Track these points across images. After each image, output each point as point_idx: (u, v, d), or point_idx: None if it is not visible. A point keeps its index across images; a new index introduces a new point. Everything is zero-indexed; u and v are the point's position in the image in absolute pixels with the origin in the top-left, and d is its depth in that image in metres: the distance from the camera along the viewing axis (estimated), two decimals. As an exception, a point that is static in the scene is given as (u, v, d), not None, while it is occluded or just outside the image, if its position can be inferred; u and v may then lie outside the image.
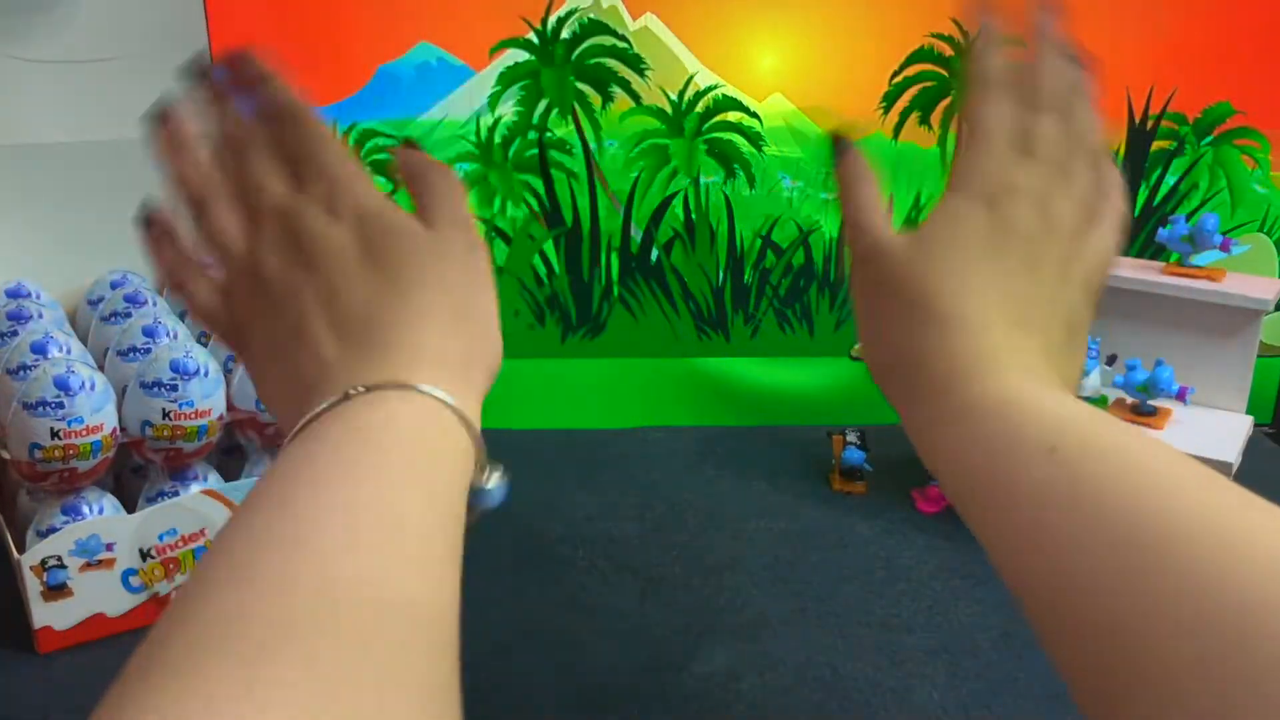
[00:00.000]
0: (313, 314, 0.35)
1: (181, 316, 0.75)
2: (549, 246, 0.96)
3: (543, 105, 0.92)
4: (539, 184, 0.94)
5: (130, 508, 0.65)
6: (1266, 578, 0.25)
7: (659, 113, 0.92)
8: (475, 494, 0.34)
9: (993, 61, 0.40)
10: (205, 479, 0.67)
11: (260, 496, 0.29)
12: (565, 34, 0.90)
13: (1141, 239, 0.97)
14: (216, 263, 0.38)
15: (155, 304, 0.74)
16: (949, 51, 0.91)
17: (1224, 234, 0.74)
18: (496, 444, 0.36)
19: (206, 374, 0.64)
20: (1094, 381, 0.75)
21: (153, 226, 0.40)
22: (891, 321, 0.38)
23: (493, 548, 0.72)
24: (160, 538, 0.62)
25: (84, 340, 0.71)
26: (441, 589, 0.28)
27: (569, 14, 0.90)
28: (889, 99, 0.92)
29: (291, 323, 0.35)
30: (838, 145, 0.41)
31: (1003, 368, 0.34)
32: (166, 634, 0.24)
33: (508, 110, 0.92)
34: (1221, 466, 0.69)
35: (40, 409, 0.60)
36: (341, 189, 0.37)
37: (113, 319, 0.73)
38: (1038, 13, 0.41)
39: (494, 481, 0.35)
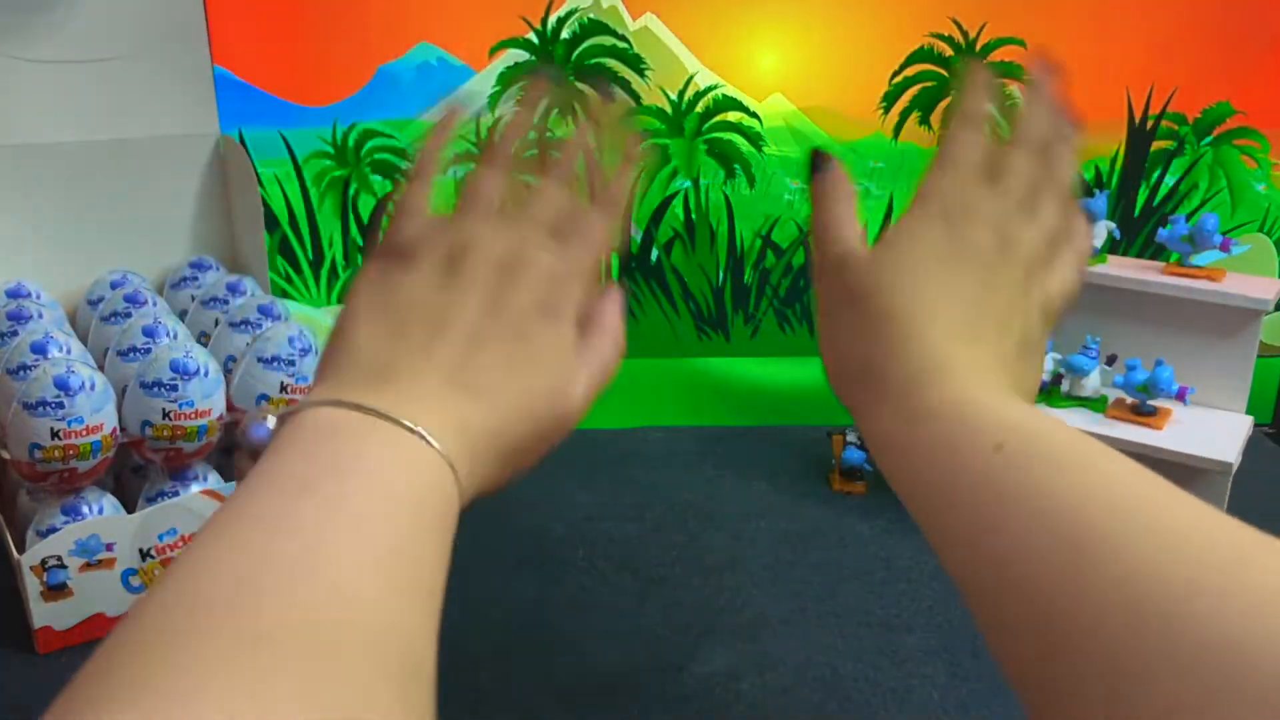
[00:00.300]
0: (454, 335, 0.36)
1: (182, 316, 0.75)
2: (549, 246, 0.96)
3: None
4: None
5: (130, 508, 0.65)
6: (1200, 570, 0.25)
7: (659, 113, 0.92)
8: None
9: (977, 102, 0.42)
10: (205, 479, 0.67)
11: (255, 495, 0.29)
12: (565, 34, 0.90)
13: (1141, 239, 0.97)
14: (459, 203, 0.39)
15: (155, 304, 0.74)
16: (949, 51, 0.91)
17: (1224, 234, 0.74)
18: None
19: (206, 374, 0.64)
20: (1094, 381, 0.75)
21: (448, 116, 0.41)
22: (850, 328, 0.39)
23: (493, 548, 0.72)
24: (160, 538, 0.62)
25: (84, 340, 0.71)
26: (424, 618, 0.28)
27: (569, 14, 0.90)
28: (889, 99, 0.92)
29: (437, 314, 0.36)
30: (817, 160, 0.42)
31: (956, 374, 0.36)
32: (124, 641, 0.24)
33: (508, 110, 0.92)
34: (1221, 466, 0.69)
35: (40, 409, 0.60)
36: (572, 273, 0.38)
37: (113, 319, 0.73)
38: (1036, 69, 0.43)
39: None
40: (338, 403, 0.32)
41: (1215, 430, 0.73)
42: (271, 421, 0.33)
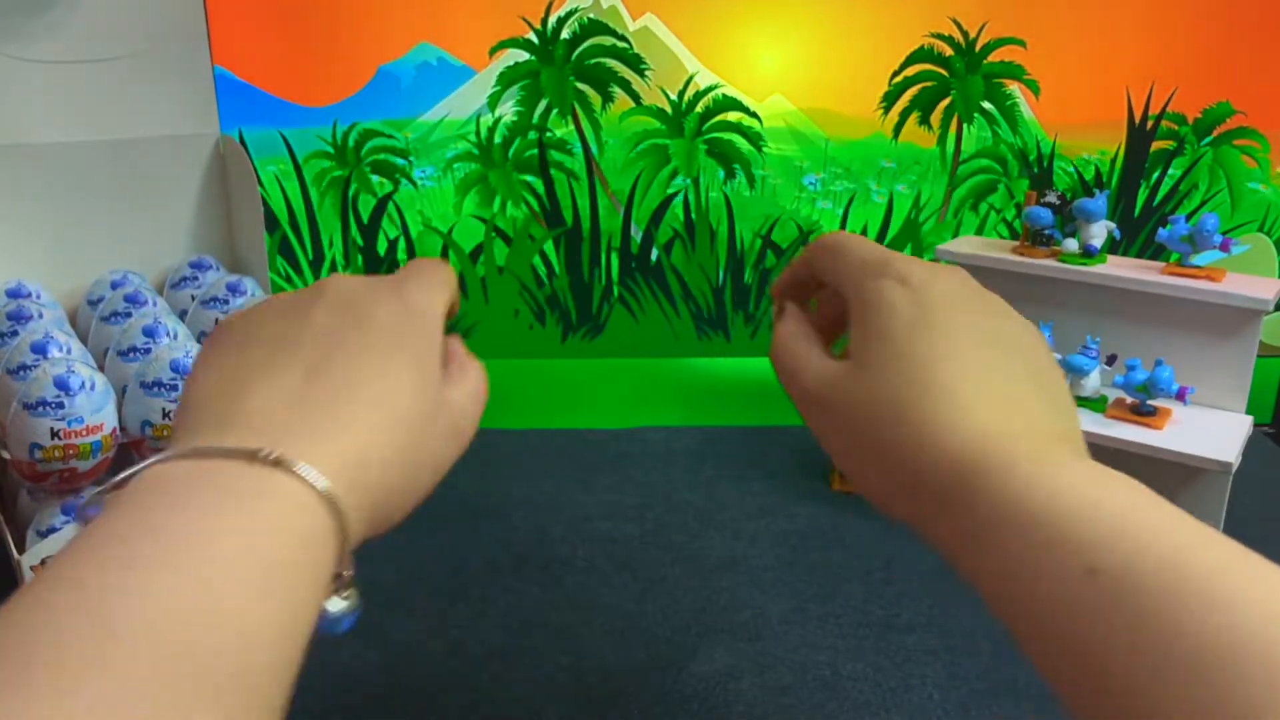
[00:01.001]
0: (301, 356, 0.32)
1: (182, 315, 0.75)
2: (549, 247, 0.96)
3: (543, 105, 0.92)
4: (539, 184, 0.94)
5: (130, 508, 0.65)
6: None
7: (659, 113, 0.92)
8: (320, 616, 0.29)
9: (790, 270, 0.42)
10: (205, 479, 0.67)
11: (57, 561, 0.25)
12: (565, 34, 0.90)
13: (1141, 239, 0.97)
14: None
15: (155, 304, 0.74)
16: (949, 51, 0.91)
17: (1224, 234, 0.74)
18: (497, 444, 0.37)
19: (206, 374, 0.64)
20: (1094, 381, 0.75)
21: None
22: (862, 453, 0.35)
23: (493, 548, 0.72)
24: (160, 538, 0.62)
25: (84, 340, 0.71)
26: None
27: (569, 14, 0.90)
28: (889, 99, 0.92)
29: (280, 346, 0.33)
30: (777, 303, 0.42)
31: (1000, 461, 0.31)
32: None
33: (508, 110, 0.92)
34: (1221, 466, 0.69)
35: (40, 409, 0.60)
36: (421, 285, 0.36)
37: (113, 319, 0.73)
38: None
39: (338, 606, 0.30)
40: (175, 455, 0.28)
41: (1215, 430, 0.73)
42: (339, 607, 0.29)
